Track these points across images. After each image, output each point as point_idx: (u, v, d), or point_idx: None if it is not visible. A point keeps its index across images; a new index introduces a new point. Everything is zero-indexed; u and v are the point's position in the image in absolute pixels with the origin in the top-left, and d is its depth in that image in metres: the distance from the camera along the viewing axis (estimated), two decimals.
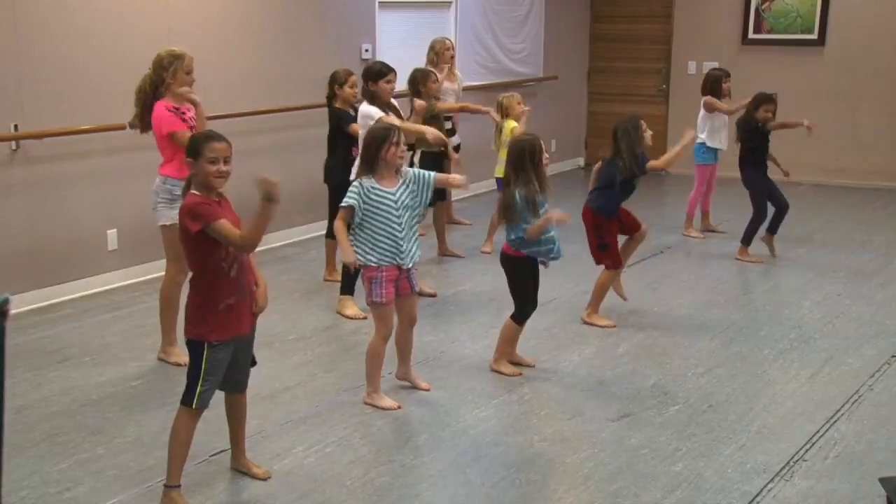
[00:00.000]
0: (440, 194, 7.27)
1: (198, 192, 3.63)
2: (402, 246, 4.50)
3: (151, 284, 6.49)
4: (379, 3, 8.59)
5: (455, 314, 6.16)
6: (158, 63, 5.02)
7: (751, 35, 10.85)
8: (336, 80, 6.42)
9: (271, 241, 7.65)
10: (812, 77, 10.59)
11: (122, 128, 6.36)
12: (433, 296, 6.41)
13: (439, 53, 7.84)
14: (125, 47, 6.43)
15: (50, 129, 6.05)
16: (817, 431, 4.47)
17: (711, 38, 11.02)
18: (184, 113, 5.02)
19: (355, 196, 4.47)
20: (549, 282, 6.67)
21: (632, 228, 5.97)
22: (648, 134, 5.80)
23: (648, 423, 4.54)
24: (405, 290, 4.62)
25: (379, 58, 8.43)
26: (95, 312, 6.10)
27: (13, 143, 5.95)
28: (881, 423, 4.57)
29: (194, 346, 3.66)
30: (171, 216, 4.91)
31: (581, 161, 11.87)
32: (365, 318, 5.72)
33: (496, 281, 6.75)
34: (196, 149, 3.61)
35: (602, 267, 5.94)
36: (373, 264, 4.49)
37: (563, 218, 4.80)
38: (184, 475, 3.75)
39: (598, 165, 5.98)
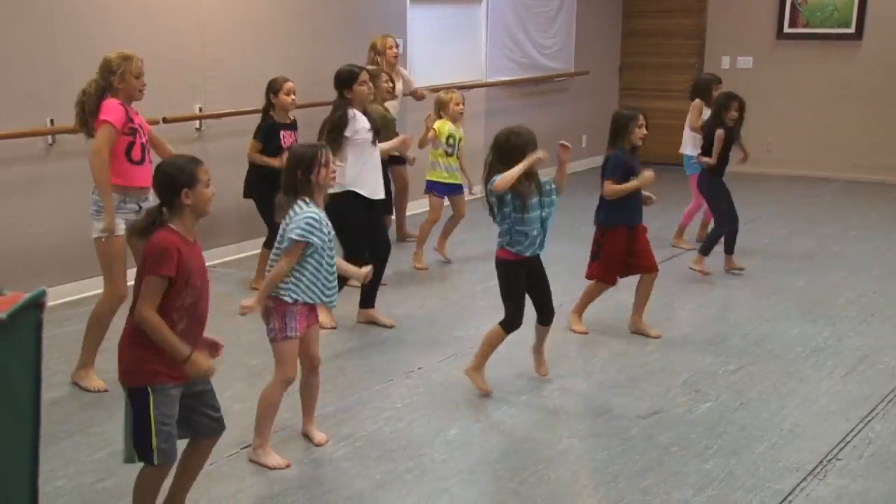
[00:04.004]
0: (389, 207, 6.66)
1: (176, 228, 3.23)
2: (333, 283, 4.02)
3: None
4: None
5: (484, 310, 6.15)
6: (106, 66, 4.62)
7: (786, 29, 10.74)
8: (271, 88, 6.20)
9: None
10: (848, 72, 10.46)
11: (155, 123, 6.43)
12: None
13: (381, 52, 7.23)
14: (157, 43, 6.47)
15: None
16: (852, 430, 4.42)
17: (746, 32, 10.92)
18: (132, 119, 4.69)
19: (317, 233, 3.87)
20: (574, 280, 6.65)
21: (646, 268, 5.54)
22: (640, 132, 5.35)
23: (679, 421, 4.51)
24: (312, 321, 4.07)
25: (411, 54, 8.45)
26: (129, 304, 6.13)
27: (49, 137, 6.02)
28: None
29: (137, 396, 3.20)
30: (98, 228, 4.64)
31: None
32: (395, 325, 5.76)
33: None
34: (191, 174, 3.22)
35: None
36: (298, 300, 3.92)
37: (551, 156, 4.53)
38: (211, 468, 3.78)
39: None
